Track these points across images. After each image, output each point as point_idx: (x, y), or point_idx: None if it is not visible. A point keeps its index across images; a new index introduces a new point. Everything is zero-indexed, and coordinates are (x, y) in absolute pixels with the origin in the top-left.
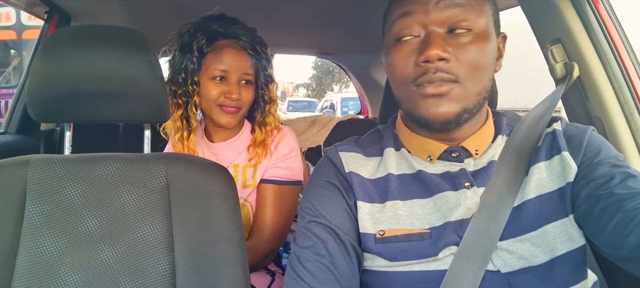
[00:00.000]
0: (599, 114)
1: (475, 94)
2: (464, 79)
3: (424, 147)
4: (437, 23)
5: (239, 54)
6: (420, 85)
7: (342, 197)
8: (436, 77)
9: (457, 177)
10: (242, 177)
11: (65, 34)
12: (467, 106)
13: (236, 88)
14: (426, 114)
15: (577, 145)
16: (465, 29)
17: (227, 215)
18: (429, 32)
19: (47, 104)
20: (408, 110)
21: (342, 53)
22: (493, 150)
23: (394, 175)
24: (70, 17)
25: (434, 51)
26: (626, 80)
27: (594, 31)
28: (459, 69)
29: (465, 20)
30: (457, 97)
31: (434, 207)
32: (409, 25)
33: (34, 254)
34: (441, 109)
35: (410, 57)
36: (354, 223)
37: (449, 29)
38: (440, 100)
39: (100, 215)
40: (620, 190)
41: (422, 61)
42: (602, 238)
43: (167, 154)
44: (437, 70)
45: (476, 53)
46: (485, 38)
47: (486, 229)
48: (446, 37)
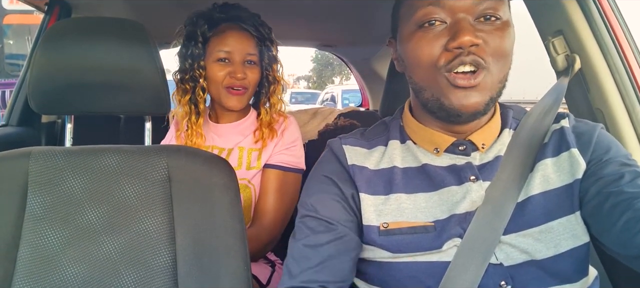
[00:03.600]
0: (600, 105)
1: (499, 82)
2: (492, 66)
3: (432, 139)
4: (465, 10)
5: (241, 35)
6: (450, 72)
7: (339, 190)
8: (470, 59)
9: (463, 170)
10: (247, 159)
11: (66, 26)
12: (493, 95)
13: (240, 68)
14: (457, 104)
15: (586, 142)
16: (493, 17)
17: (228, 207)
18: (458, 18)
19: (48, 96)
20: (432, 99)
21: (343, 45)
22: (499, 144)
23: (399, 168)
24: (71, 8)
25: (468, 37)
26: (628, 72)
27: (596, 23)
28: (488, 55)
29: (492, 8)
30: (486, 86)
31: (439, 201)
32: (436, 10)
33: (35, 246)
34: (472, 100)
35: (437, 42)
36: (352, 215)
37: (476, 16)
38: (472, 91)
39: (101, 207)
40: (631, 189)
41: (455, 47)
42: (610, 236)
43: (168, 146)
44: (470, 54)
45: (502, 40)
46: (509, 25)
47: (490, 223)
48: (475, 24)
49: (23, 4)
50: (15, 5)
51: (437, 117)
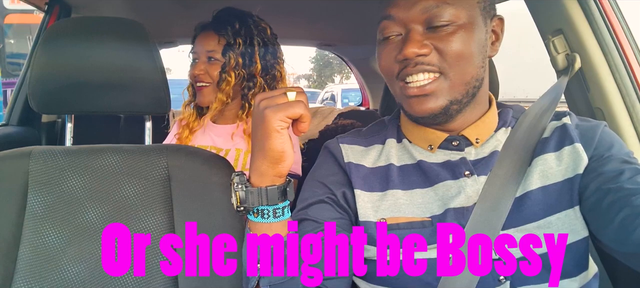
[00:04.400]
0: (600, 105)
1: (462, 84)
2: (448, 71)
3: (425, 137)
4: (415, 21)
5: (206, 34)
6: (403, 80)
7: (329, 191)
8: (416, 70)
9: (457, 165)
10: (242, 160)
11: (66, 25)
12: (455, 97)
13: (201, 64)
14: (412, 111)
15: (589, 138)
16: (445, 23)
17: (228, 206)
18: (408, 29)
19: (49, 96)
20: (400, 104)
21: (343, 44)
22: (495, 141)
23: (395, 166)
24: (71, 8)
25: (411, 49)
26: (628, 71)
27: (596, 22)
28: (441, 61)
29: (442, 15)
30: (441, 91)
31: (435, 196)
32: (390, 24)
33: (36, 245)
34: (426, 106)
35: (392, 54)
36: (343, 213)
37: (427, 25)
38: (424, 99)
39: (101, 207)
40: (630, 185)
41: (402, 58)
42: (607, 233)
43: (168, 146)
44: (417, 64)
45: (458, 43)
46: (469, 27)
47: (488, 219)
48: (425, 33)
49: (24, 4)
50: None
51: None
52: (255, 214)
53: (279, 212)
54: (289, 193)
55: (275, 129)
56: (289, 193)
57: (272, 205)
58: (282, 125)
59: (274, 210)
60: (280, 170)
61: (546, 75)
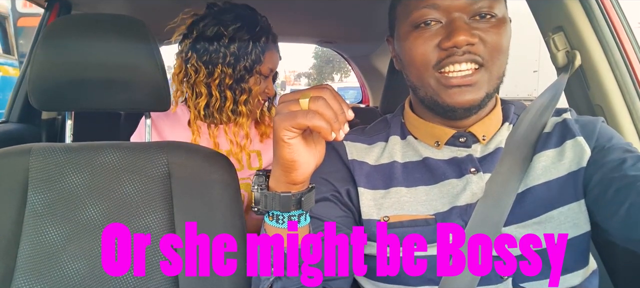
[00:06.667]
0: (601, 102)
1: (497, 78)
2: (489, 63)
3: (432, 133)
4: (460, 9)
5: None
6: (442, 70)
7: (333, 188)
8: (464, 58)
9: (463, 162)
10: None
11: (66, 23)
12: (490, 91)
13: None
14: (451, 101)
15: (590, 131)
16: (488, 14)
17: (228, 204)
18: (453, 18)
19: (49, 93)
20: (427, 97)
21: (343, 41)
22: (500, 137)
23: (399, 163)
24: (71, 5)
25: (462, 36)
26: (628, 68)
27: (596, 19)
28: (485, 52)
29: (487, 6)
30: (482, 83)
31: (439, 194)
32: (430, 11)
33: (36, 242)
34: (468, 97)
35: (432, 41)
36: (346, 211)
37: (472, 14)
38: (466, 89)
39: (102, 204)
40: (633, 172)
41: (449, 46)
42: (614, 222)
43: (168, 143)
44: (465, 52)
45: (499, 36)
46: (505, 22)
47: (490, 216)
48: (470, 22)
49: (35, 7)
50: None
51: (435, 112)
52: (271, 218)
53: (295, 218)
54: (305, 203)
55: (281, 138)
56: (305, 202)
57: (286, 212)
58: (288, 135)
59: (289, 216)
60: (293, 179)
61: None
